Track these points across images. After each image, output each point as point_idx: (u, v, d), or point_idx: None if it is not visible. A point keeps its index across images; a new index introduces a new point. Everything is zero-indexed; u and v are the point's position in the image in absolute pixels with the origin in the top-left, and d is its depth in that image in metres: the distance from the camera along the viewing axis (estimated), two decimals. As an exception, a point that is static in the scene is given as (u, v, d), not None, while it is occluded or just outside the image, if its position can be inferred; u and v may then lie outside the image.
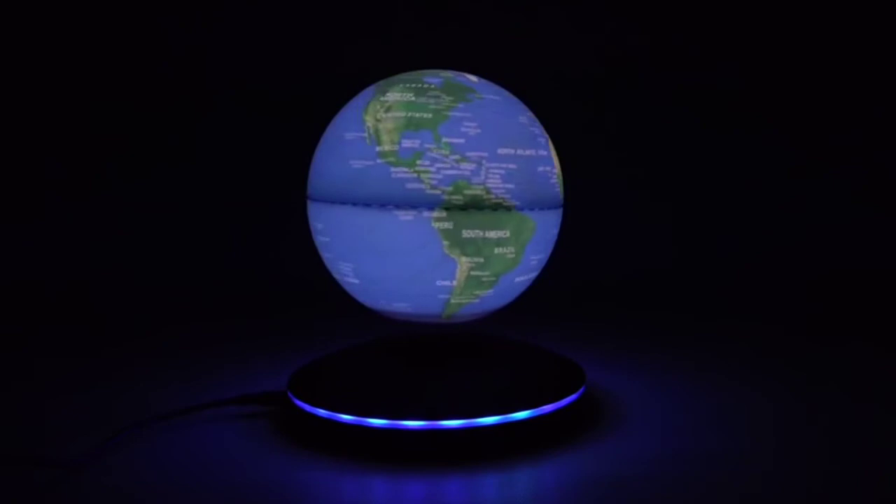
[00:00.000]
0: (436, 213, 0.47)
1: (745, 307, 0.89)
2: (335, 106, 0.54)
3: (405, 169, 0.47)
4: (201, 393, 0.58)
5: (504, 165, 0.48)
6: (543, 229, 0.51)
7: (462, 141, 0.47)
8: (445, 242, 0.47)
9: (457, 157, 0.47)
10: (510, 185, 0.48)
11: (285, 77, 1.12)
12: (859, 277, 0.98)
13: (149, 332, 0.79)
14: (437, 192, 0.46)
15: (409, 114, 0.48)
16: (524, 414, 0.48)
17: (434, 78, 0.50)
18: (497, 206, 0.48)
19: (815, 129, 1.11)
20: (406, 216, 0.47)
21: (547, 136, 0.53)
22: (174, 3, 1.12)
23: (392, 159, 0.47)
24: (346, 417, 0.48)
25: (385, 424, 0.47)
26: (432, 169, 0.46)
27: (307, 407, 0.50)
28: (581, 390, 0.53)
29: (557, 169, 0.53)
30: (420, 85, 0.49)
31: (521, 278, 0.52)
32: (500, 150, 0.48)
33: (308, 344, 0.71)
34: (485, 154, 0.48)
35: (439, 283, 0.48)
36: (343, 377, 0.52)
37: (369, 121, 0.48)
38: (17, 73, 1.09)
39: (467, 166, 0.47)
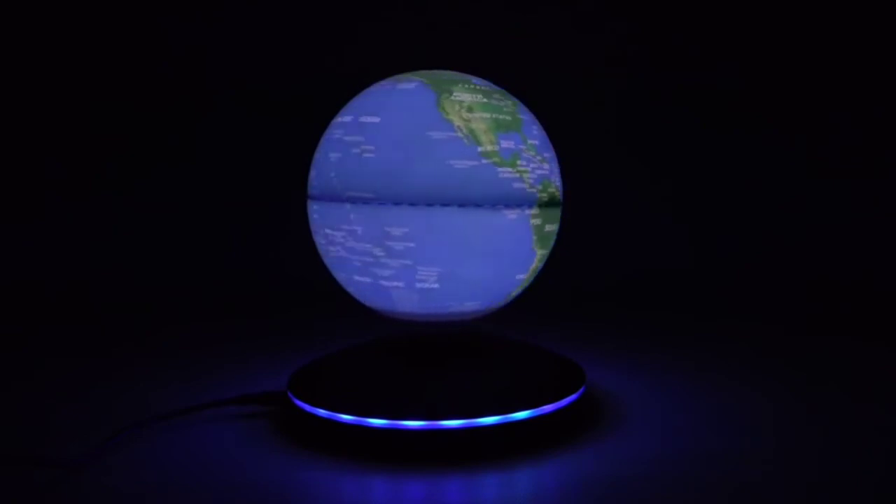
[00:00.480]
0: (533, 211, 0.49)
1: (745, 307, 0.89)
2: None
3: (509, 169, 0.48)
4: (201, 393, 0.58)
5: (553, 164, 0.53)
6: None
7: (537, 142, 0.51)
8: (535, 238, 0.50)
9: (539, 157, 0.51)
10: (559, 183, 0.54)
11: (285, 77, 1.12)
12: (859, 277, 0.98)
13: (149, 332, 0.79)
14: (534, 190, 0.49)
15: (493, 115, 0.49)
16: (524, 414, 0.48)
17: (477, 79, 0.52)
18: (560, 202, 0.53)
19: (815, 129, 1.11)
20: (512, 215, 0.48)
21: None
22: (174, 3, 1.12)
23: (496, 160, 0.48)
24: (346, 417, 0.48)
25: (385, 424, 0.47)
26: (528, 168, 0.49)
27: (307, 407, 0.50)
28: (581, 390, 0.53)
29: None
30: (472, 86, 0.51)
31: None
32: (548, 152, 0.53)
33: (308, 344, 0.71)
34: (550, 154, 0.53)
35: (517, 276, 0.52)
36: (343, 377, 0.52)
37: (457, 120, 0.48)
38: (17, 72, 1.09)
39: (546, 166, 0.51)
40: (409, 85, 0.50)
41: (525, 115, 0.52)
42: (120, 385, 0.62)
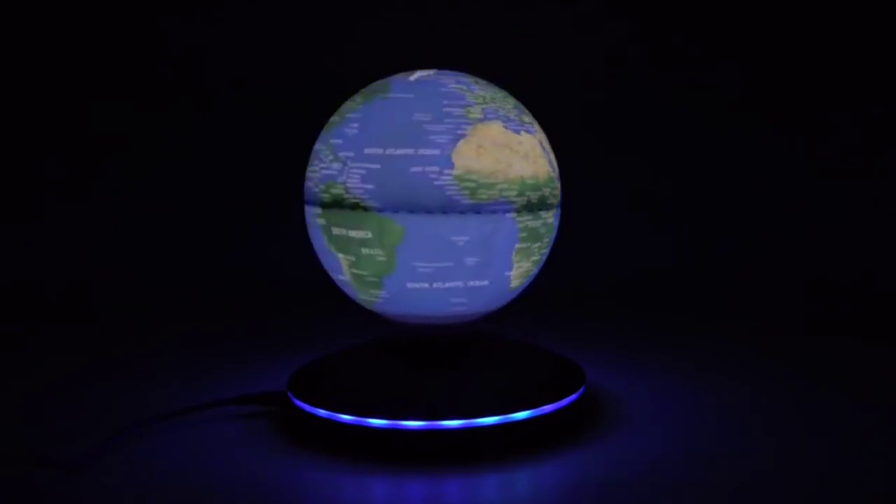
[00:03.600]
0: (316, 210, 0.51)
1: (745, 307, 0.89)
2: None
3: None
4: (201, 393, 0.58)
5: (366, 165, 0.47)
6: (425, 235, 0.47)
7: (340, 141, 0.49)
8: (324, 237, 0.51)
9: (332, 157, 0.49)
10: (369, 186, 0.47)
11: (285, 77, 1.12)
12: (859, 277, 0.98)
13: (149, 332, 0.79)
14: (318, 189, 0.50)
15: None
16: (524, 414, 0.48)
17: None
18: (355, 206, 0.48)
19: (815, 129, 1.11)
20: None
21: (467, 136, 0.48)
22: (174, 3, 1.12)
23: None
24: (346, 417, 0.48)
25: (385, 424, 0.47)
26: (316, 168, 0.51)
27: (307, 407, 0.50)
28: (581, 390, 0.53)
29: (458, 172, 0.47)
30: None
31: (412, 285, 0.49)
32: (367, 150, 0.48)
33: (308, 344, 0.71)
34: (350, 153, 0.48)
35: (339, 277, 0.53)
36: (343, 377, 0.52)
37: None
38: (17, 72, 1.09)
39: (336, 166, 0.48)
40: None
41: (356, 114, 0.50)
42: (120, 385, 0.62)
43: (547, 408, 0.49)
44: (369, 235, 0.47)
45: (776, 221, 1.08)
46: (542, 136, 0.53)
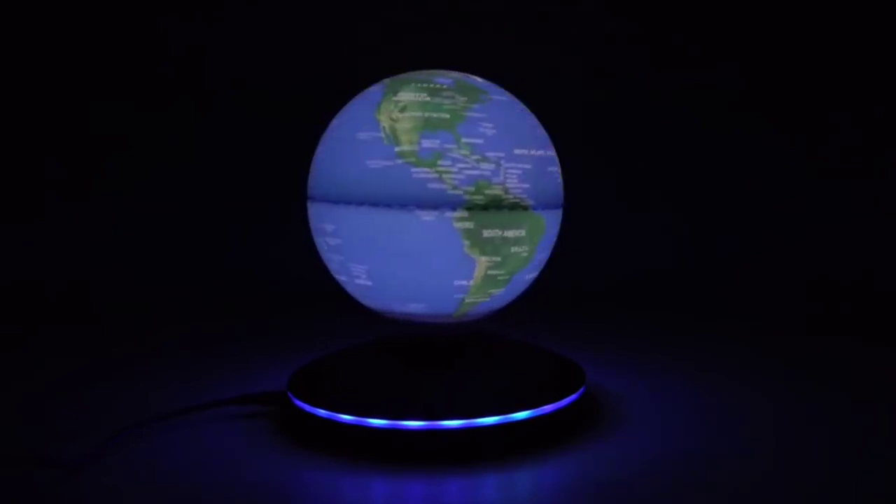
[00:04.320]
0: (457, 214, 0.47)
1: (745, 307, 0.89)
2: (335, 106, 0.54)
3: (426, 169, 0.47)
4: (201, 393, 0.58)
5: (520, 166, 0.49)
6: (551, 228, 0.52)
7: (481, 141, 0.48)
8: (466, 242, 0.47)
9: (476, 157, 0.47)
10: (526, 185, 0.49)
11: (285, 77, 1.13)
12: (859, 277, 0.98)
13: (149, 332, 0.79)
14: (458, 192, 0.47)
15: (427, 114, 0.48)
16: (524, 414, 0.48)
17: (444, 79, 0.50)
18: (515, 206, 0.48)
19: (815, 129, 1.11)
20: (427, 216, 0.47)
21: (548, 136, 0.54)
22: (174, 3, 1.12)
23: (413, 159, 0.47)
24: (346, 417, 0.48)
25: (385, 424, 0.47)
26: (454, 169, 0.47)
27: (307, 407, 0.50)
28: (581, 390, 0.53)
29: (559, 169, 0.54)
30: (431, 85, 0.49)
31: (529, 276, 0.53)
32: (516, 151, 0.49)
33: (308, 344, 0.71)
34: (502, 154, 0.48)
35: (457, 282, 0.49)
36: (343, 377, 0.52)
37: (384, 120, 0.48)
38: (17, 72, 1.09)
39: (487, 166, 0.47)
40: (375, 87, 0.51)
41: (480, 114, 0.49)
42: (120, 385, 0.62)
43: (547, 408, 0.49)
44: (523, 234, 0.49)
45: (776, 221, 1.08)
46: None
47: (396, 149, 0.47)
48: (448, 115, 0.48)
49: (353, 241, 0.49)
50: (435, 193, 0.46)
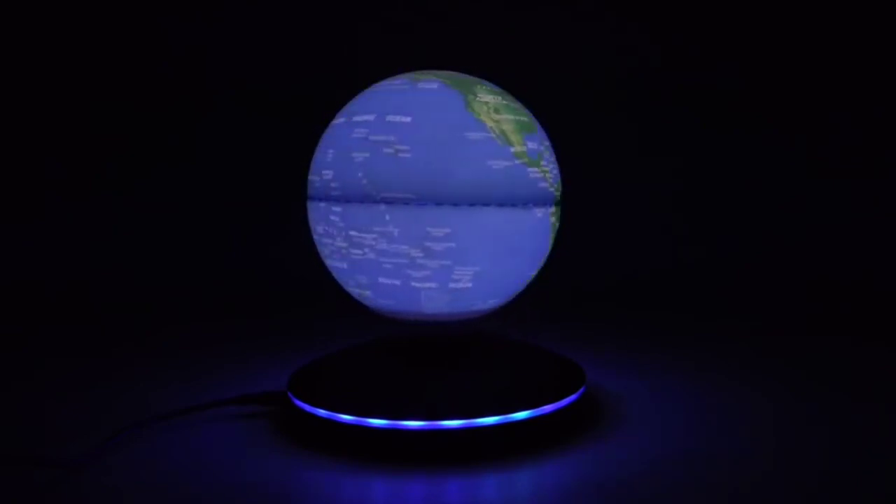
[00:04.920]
0: (552, 209, 0.51)
1: (745, 307, 0.89)
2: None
3: (535, 169, 0.49)
4: (201, 393, 0.58)
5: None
6: None
7: (549, 143, 0.53)
8: (551, 235, 0.53)
9: (552, 158, 0.53)
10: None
11: (285, 77, 1.13)
12: (859, 277, 0.98)
13: (149, 332, 0.79)
14: (553, 189, 0.51)
15: (515, 117, 0.50)
16: (524, 414, 0.48)
17: (489, 83, 0.52)
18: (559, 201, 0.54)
19: (815, 129, 1.11)
20: (539, 213, 0.50)
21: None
22: (174, 3, 1.12)
23: (526, 160, 0.49)
24: (346, 417, 0.48)
25: (385, 424, 0.47)
26: (548, 168, 0.51)
27: (307, 407, 0.50)
28: (581, 390, 0.53)
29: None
30: (488, 87, 0.51)
31: None
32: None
33: (308, 344, 0.71)
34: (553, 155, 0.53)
35: (529, 273, 0.53)
36: (343, 377, 0.52)
37: (489, 121, 0.48)
38: (17, 72, 1.09)
39: (556, 166, 0.53)
40: (430, 85, 0.50)
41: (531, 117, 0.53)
42: (120, 385, 0.62)
43: (547, 408, 0.49)
44: None
45: (776, 221, 1.08)
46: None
47: (512, 150, 0.48)
48: (527, 118, 0.51)
49: (468, 242, 0.47)
50: (543, 192, 0.50)
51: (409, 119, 0.47)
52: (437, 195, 0.46)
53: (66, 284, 0.98)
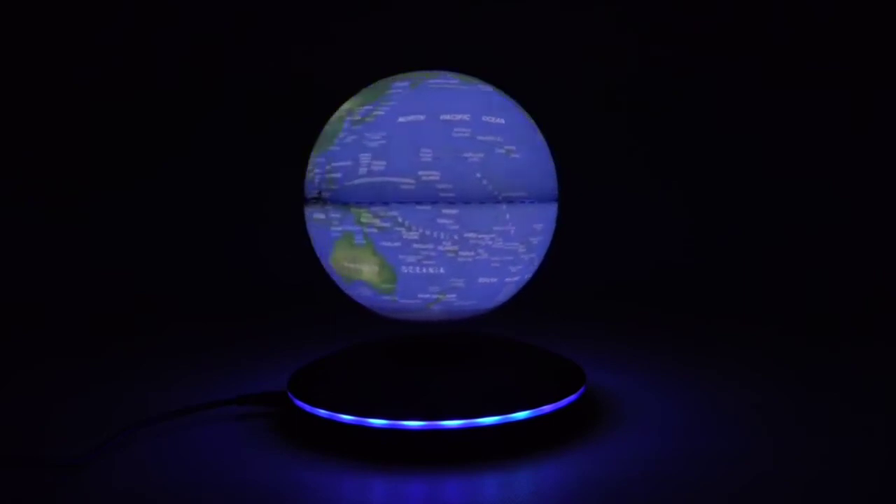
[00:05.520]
0: None
1: (746, 307, 0.89)
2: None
3: None
4: (201, 393, 0.58)
5: None
6: None
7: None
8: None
9: None
10: None
11: (285, 77, 1.13)
12: (859, 277, 0.98)
13: (149, 332, 0.79)
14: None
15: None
16: (524, 414, 0.48)
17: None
18: None
19: (815, 130, 1.11)
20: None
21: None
22: (175, 3, 1.12)
23: None
24: (346, 417, 0.48)
25: (385, 424, 0.47)
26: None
27: (307, 407, 0.50)
28: (581, 390, 0.53)
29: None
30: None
31: None
32: None
33: (308, 344, 0.71)
34: None
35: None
36: (343, 377, 0.52)
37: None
38: (17, 72, 1.09)
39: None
40: (486, 86, 0.52)
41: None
42: (120, 385, 0.62)
43: (547, 408, 0.49)
44: None
45: (777, 222, 1.08)
46: None
47: None
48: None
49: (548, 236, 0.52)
50: None
51: (502, 121, 0.49)
52: (546, 193, 0.51)
53: (66, 285, 0.98)
